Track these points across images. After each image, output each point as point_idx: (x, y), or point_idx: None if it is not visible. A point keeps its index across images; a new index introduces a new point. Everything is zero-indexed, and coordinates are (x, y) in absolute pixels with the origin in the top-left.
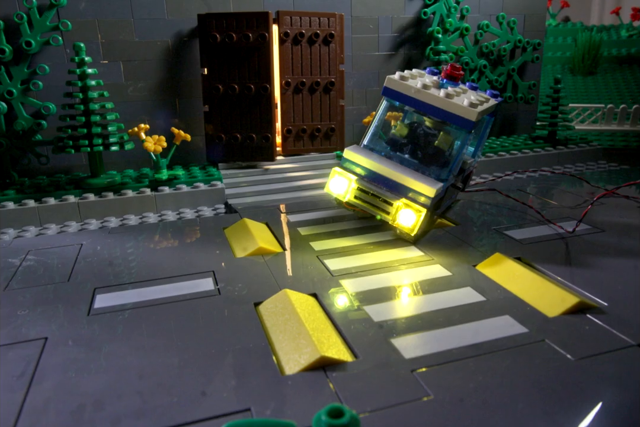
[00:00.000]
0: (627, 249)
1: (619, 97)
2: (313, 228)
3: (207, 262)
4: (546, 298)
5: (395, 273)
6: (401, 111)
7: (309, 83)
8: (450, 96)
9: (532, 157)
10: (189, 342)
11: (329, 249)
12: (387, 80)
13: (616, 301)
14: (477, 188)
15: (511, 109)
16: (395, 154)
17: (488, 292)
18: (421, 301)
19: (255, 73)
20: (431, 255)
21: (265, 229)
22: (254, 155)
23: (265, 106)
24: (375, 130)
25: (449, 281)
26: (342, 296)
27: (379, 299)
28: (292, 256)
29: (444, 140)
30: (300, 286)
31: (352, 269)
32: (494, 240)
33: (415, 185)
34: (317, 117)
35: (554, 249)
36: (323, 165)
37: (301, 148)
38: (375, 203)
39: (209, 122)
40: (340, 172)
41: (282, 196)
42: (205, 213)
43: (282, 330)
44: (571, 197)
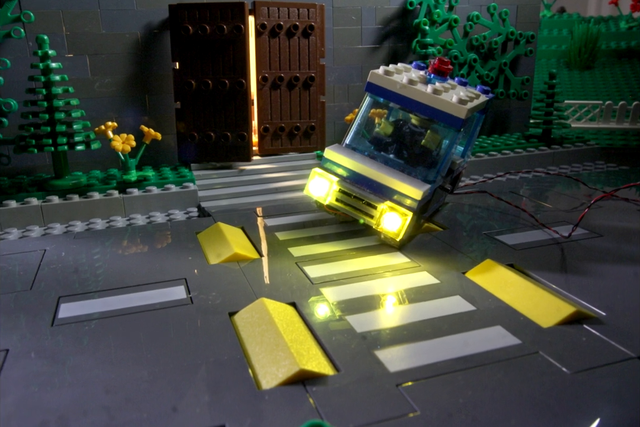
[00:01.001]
0: (627, 255)
1: (617, 93)
2: (292, 233)
3: (178, 269)
4: (540, 307)
5: (380, 281)
6: (386, 108)
7: (288, 78)
8: (438, 92)
9: (525, 157)
10: (159, 354)
11: (308, 255)
12: (371, 75)
13: (615, 310)
14: (467, 190)
15: (503, 106)
16: (379, 154)
17: (478, 301)
18: (407, 310)
19: (230, 67)
20: (418, 261)
21: (240, 233)
22: (228, 155)
23: (241, 103)
24: (358, 128)
25: (436, 289)
26: (322, 305)
27: (362, 308)
28: (270, 262)
29: (431, 139)
30: (278, 294)
31: (334, 276)
32: (484, 245)
33: (400, 187)
34: (296, 114)
35: (548, 255)
36: (302, 166)
37: (279, 147)
38: (358, 206)
39: (181, 119)
40: (320, 173)
41: (259, 199)
42: (177, 217)
43: (258, 341)
44: (567, 200)
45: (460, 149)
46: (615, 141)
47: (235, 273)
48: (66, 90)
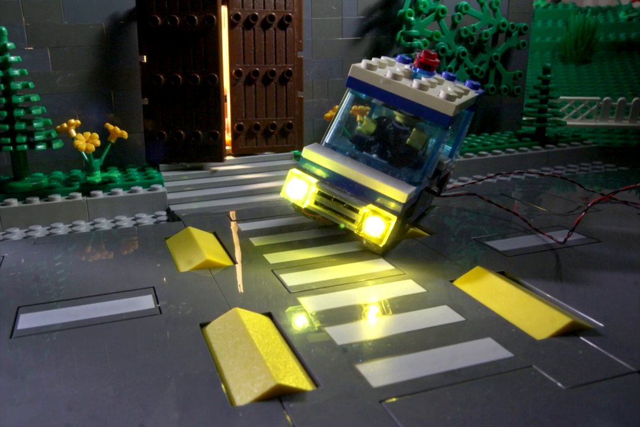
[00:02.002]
0: (626, 262)
1: (616, 88)
2: (267, 238)
3: (146, 277)
4: (534, 318)
5: (362, 290)
6: (368, 105)
7: (263, 73)
8: (424, 87)
9: (517, 157)
10: (125, 368)
11: (285, 262)
12: (352, 70)
13: (614, 321)
14: (455, 192)
15: (494, 102)
16: (361, 154)
17: (467, 311)
18: (391, 321)
19: (201, 61)
20: (402, 269)
21: (212, 239)
22: (200, 155)
23: (213, 99)
24: (338, 126)
25: (422, 299)
26: (300, 316)
27: (343, 319)
28: (244, 270)
29: (417, 138)
30: (252, 304)
31: (312, 285)
32: (474, 252)
33: (384, 190)
34: (272, 111)
35: (542, 262)
36: (279, 167)
37: (254, 147)
38: (338, 210)
39: (149, 117)
40: (298, 174)
41: (232, 202)
42: (145, 221)
43: (232, 355)
44: (562, 203)
45: (448, 149)
46: (613, 140)
47: (207, 281)
48: (26, 85)
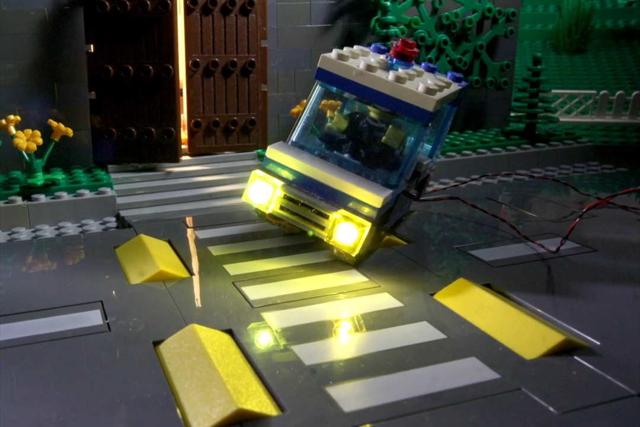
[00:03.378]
0: (625, 274)
1: (614, 81)
2: (228, 247)
3: (93, 290)
4: (523, 336)
5: (332, 304)
6: (339, 99)
7: (223, 63)
8: (402, 80)
9: (505, 158)
10: (70, 391)
11: (248, 273)
12: (322, 60)
13: (611, 339)
14: (436, 196)
15: (479, 97)
16: (331, 153)
17: (449, 327)
18: (365, 339)
19: (154, 51)
20: (377, 281)
21: (167, 248)
22: (153, 155)
23: (168, 93)
24: (306, 123)
25: (399, 314)
26: (264, 333)
27: (312, 336)
28: (202, 282)
29: (393, 136)
30: (211, 320)
31: (277, 298)
32: (456, 262)
33: (357, 193)
34: (232, 106)
35: (532, 273)
36: (240, 168)
37: (213, 146)
38: (306, 215)
39: (97, 112)
40: (262, 176)
41: (189, 207)
42: (92, 228)
43: (188, 376)
44: (554, 208)
45: (428, 148)
46: (611, 138)
47: (160, 295)
48: None
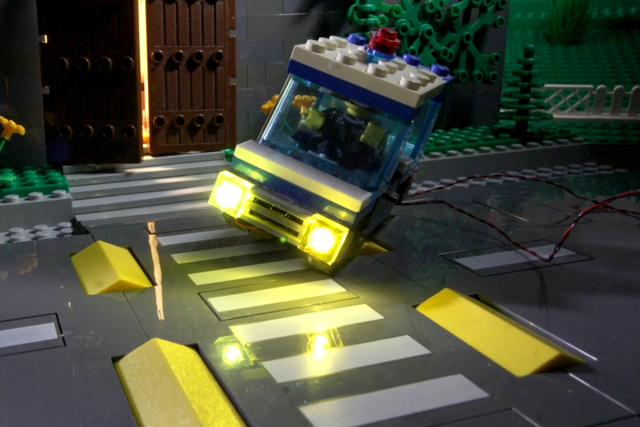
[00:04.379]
0: (624, 284)
1: (613, 74)
2: (193, 255)
3: (47, 301)
4: (513, 351)
5: (307, 316)
6: (314, 94)
7: (188, 56)
8: (382, 73)
9: (493, 157)
10: (22, 411)
11: (215, 283)
12: (295, 52)
13: (609, 354)
14: (419, 200)
15: (465, 91)
16: (306, 153)
17: (434, 342)
18: (342, 354)
19: (113, 42)
20: (355, 291)
21: (127, 256)
22: (112, 155)
23: (128, 87)
24: (278, 120)
25: (379, 327)
26: (232, 348)
27: (284, 352)
28: (165, 292)
29: (372, 134)
30: (175, 334)
31: (247, 310)
32: (441, 271)
33: (333, 196)
34: (198, 102)
35: (524, 283)
36: (207, 169)
37: (177, 145)
38: (278, 220)
39: (51, 109)
40: (230, 178)
41: (151, 211)
42: (45, 234)
43: (150, 394)
44: (548, 213)
45: (411, 147)
46: (609, 137)
47: (120, 306)
48: None
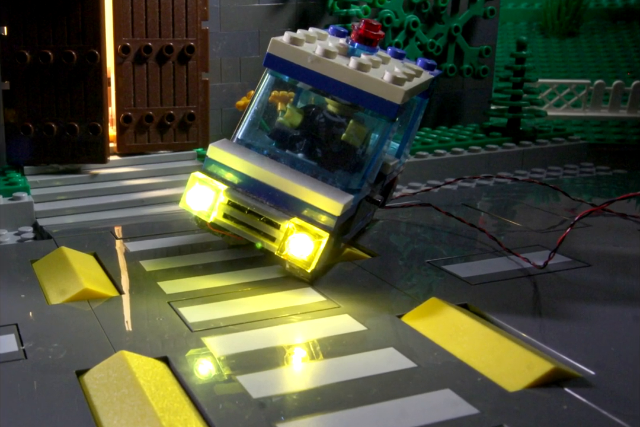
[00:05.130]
0: (624, 292)
1: (611, 69)
2: (163, 261)
3: (7, 311)
4: (505, 364)
5: (284, 327)
6: (292, 90)
7: (157, 48)
8: (365, 68)
9: (484, 157)
10: None
11: (186, 292)
12: (272, 45)
13: (607, 368)
14: (404, 202)
15: (454, 87)
16: (283, 153)
17: (420, 355)
18: (322, 368)
19: (78, 34)
20: (337, 301)
21: (93, 262)
22: (76, 155)
23: (93, 82)
24: (254, 117)
25: (362, 339)
26: (205, 361)
27: (260, 365)
28: (133, 302)
29: (354, 133)
30: (144, 346)
31: (220, 321)
32: (428, 278)
33: (313, 199)
34: (169, 98)
35: (516, 292)
36: (178, 170)
37: (145, 144)
38: (254, 225)
39: (11, 105)
40: (202, 179)
41: (118, 214)
42: (5, 239)
43: (117, 410)
44: (542, 216)
45: (396, 146)
46: (607, 135)
47: (85, 317)
48: None
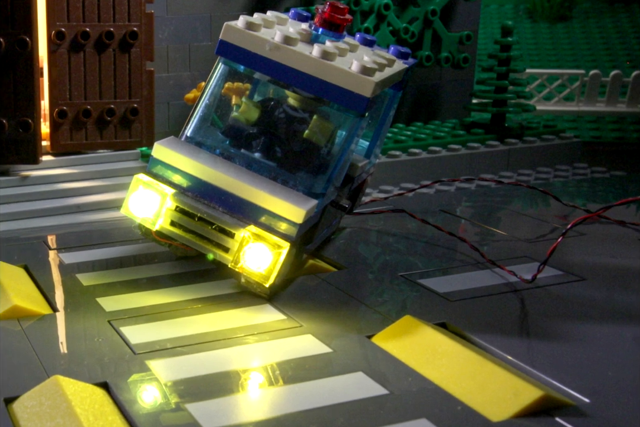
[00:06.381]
0: (622, 310)
1: (608, 57)
2: (103, 275)
3: None
4: (489, 391)
5: (239, 349)
6: (248, 81)
7: (96, 35)
8: (330, 56)
9: (465, 157)
10: None
11: (128, 309)
12: (226, 30)
13: (603, 395)
14: (375, 208)
15: (431, 78)
16: (238, 152)
17: (392, 380)
18: (282, 395)
19: (6, 18)
20: (299, 319)
21: (23, 276)
22: (4, 155)
23: (24, 73)
24: (205, 112)
25: (327, 362)
26: (150, 387)
27: (212, 392)
28: (68, 320)
29: (318, 130)
30: (81, 370)
31: (167, 342)
32: (401, 294)
33: (271, 205)
34: (109, 91)
35: (501, 309)
36: (119, 171)
37: (83, 142)
38: (205, 234)
39: None
40: (147, 182)
41: (52, 222)
42: None
43: None
44: (530, 224)
45: (365, 145)
46: (604, 132)
47: (14, 337)
48: None
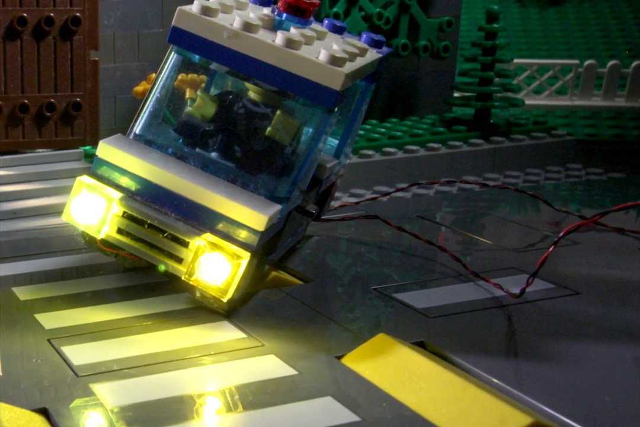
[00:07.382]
0: (620, 327)
1: (605, 46)
2: (42, 288)
3: None
4: (472, 417)
5: (194, 371)
6: (204, 73)
7: (34, 20)
8: (295, 45)
9: (446, 157)
10: None
11: (71, 326)
12: (179, 16)
13: (600, 421)
14: (345, 214)
15: (408, 69)
16: (193, 152)
17: (364, 406)
18: (241, 421)
19: None
20: (260, 338)
21: None
22: None
23: None
24: (156, 107)
25: (292, 386)
26: (94, 414)
27: (164, 418)
28: (3, 339)
29: (282, 127)
30: (17, 394)
31: (114, 363)
32: (375, 310)
33: (230, 210)
34: (48, 83)
35: (485, 327)
36: (60, 173)
37: (19, 140)
38: (156, 243)
39: None
40: (91, 185)
41: None
42: None
43: None
44: (518, 232)
45: (334, 144)
46: (600, 129)
47: None
48: None
